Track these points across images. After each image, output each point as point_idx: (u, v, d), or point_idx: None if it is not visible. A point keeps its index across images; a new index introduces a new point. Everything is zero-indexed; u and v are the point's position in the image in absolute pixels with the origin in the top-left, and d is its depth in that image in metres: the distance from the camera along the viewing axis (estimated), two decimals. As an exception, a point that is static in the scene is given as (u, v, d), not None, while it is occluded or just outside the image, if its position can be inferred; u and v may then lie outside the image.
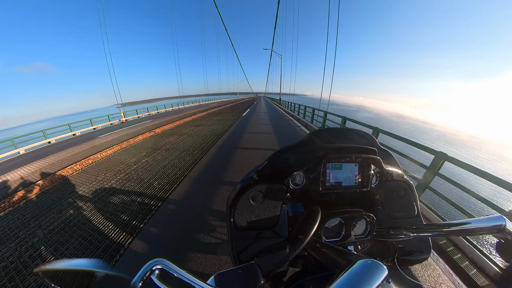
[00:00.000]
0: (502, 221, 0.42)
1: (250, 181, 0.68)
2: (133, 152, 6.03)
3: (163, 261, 0.31)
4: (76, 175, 4.56)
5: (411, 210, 0.77)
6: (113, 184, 3.88)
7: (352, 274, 0.29)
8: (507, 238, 0.42)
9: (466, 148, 57.96)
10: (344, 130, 0.90)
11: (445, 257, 1.91)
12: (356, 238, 0.65)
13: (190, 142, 6.87)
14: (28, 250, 2.32)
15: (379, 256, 0.70)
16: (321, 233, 0.61)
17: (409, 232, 0.58)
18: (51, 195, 3.69)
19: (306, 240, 0.44)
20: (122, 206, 3.05)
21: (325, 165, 0.71)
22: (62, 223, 2.75)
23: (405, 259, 0.68)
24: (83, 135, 11.17)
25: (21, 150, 8.70)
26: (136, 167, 4.69)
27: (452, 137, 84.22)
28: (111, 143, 7.59)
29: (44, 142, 9.76)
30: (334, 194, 0.75)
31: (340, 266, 0.41)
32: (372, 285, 0.27)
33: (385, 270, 0.29)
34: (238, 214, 0.66)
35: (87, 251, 2.19)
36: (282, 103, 24.67)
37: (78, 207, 3.15)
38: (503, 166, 40.45)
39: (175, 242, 2.19)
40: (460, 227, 0.48)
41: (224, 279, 0.41)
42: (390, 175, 0.76)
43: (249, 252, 0.63)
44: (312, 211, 0.54)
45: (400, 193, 0.76)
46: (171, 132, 8.81)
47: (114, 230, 2.50)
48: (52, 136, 10.24)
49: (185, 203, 3.02)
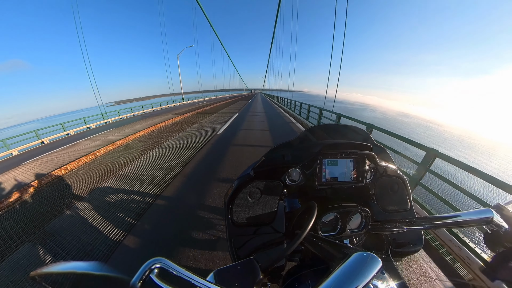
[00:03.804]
0: (490, 213, 0.44)
1: (247, 178, 0.69)
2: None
3: (162, 259, 0.30)
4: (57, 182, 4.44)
5: (404, 204, 0.79)
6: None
7: (348, 266, 0.30)
8: (494, 229, 0.44)
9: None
10: (339, 127, 0.91)
11: (433, 250, 1.98)
12: (351, 232, 0.67)
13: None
14: (22, 252, 2.27)
15: (373, 249, 0.72)
16: (317, 227, 0.62)
17: (403, 225, 0.60)
18: (45, 195, 3.62)
19: (303, 235, 0.44)
20: (118, 204, 3.02)
21: (321, 161, 0.72)
22: (60, 223, 2.71)
23: (399, 251, 0.70)
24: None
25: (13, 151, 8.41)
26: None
27: (470, 141, 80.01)
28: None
29: (33, 144, 9.19)
30: (330, 189, 0.76)
31: (336, 259, 0.42)
32: (367, 277, 0.28)
33: (379, 262, 0.30)
34: (235, 210, 0.66)
35: (86, 251, 2.17)
36: (280, 100, 21.40)
37: (73, 207, 3.10)
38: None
39: (173, 240, 2.19)
40: (451, 219, 0.50)
41: (223, 275, 0.42)
42: (384, 170, 0.78)
43: (248, 248, 0.63)
44: (309, 206, 0.55)
45: (394, 187, 0.78)
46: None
47: (111, 229, 2.47)
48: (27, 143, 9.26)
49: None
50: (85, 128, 12.66)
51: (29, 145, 8.99)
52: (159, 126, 9.77)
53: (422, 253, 1.92)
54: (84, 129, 12.57)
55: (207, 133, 7.52)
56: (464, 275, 1.72)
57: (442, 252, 1.95)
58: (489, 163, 37.83)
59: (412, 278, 1.67)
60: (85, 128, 12.67)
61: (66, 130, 11.19)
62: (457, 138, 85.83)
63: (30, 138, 9.17)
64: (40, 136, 9.70)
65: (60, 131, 11.00)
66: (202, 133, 7.56)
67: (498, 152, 56.41)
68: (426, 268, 1.77)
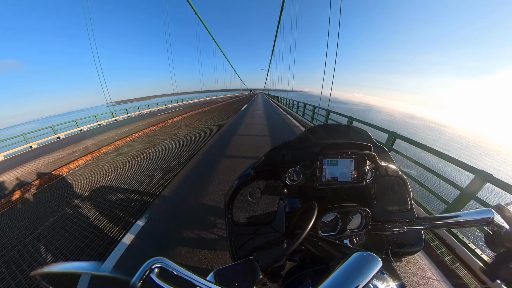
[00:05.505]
0: (491, 214, 0.43)
1: (247, 178, 0.69)
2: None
3: (162, 259, 0.30)
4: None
5: (404, 204, 0.78)
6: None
7: (348, 266, 0.30)
8: (494, 230, 0.44)
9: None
10: (340, 127, 0.91)
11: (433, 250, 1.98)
12: (351, 232, 0.67)
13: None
14: (23, 252, 2.28)
15: (374, 249, 0.72)
16: (317, 227, 0.62)
17: (403, 225, 0.59)
18: (46, 195, 3.63)
19: (303, 234, 0.44)
20: (117, 204, 3.02)
21: (322, 161, 0.72)
22: (59, 224, 2.71)
23: (399, 251, 0.70)
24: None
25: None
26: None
27: (486, 146, 74.56)
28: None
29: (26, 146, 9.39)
30: (330, 189, 0.76)
31: (336, 259, 0.42)
32: (367, 277, 0.28)
33: (379, 262, 0.30)
34: (236, 210, 0.66)
35: (85, 252, 2.17)
36: (282, 101, 20.45)
37: (73, 207, 3.10)
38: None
39: (173, 240, 2.19)
40: (451, 220, 0.50)
41: (223, 275, 0.42)
42: (384, 170, 0.78)
43: (248, 247, 0.63)
44: (309, 206, 0.55)
45: (394, 188, 0.78)
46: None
47: (111, 228, 2.47)
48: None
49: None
50: (96, 125, 13.81)
51: (48, 139, 10.12)
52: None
53: (422, 254, 1.91)
54: (96, 126, 13.67)
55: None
56: (464, 275, 1.72)
57: (442, 253, 1.95)
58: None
59: (412, 278, 1.66)
60: (96, 125, 13.83)
61: (79, 126, 12.54)
62: (472, 143, 79.78)
63: (47, 133, 10.34)
64: (56, 131, 10.95)
65: (74, 127, 12.33)
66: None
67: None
68: (426, 269, 1.76)
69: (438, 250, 1.97)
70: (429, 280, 1.66)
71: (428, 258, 1.89)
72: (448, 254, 1.93)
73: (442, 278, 1.70)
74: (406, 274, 1.69)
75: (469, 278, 1.69)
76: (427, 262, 1.84)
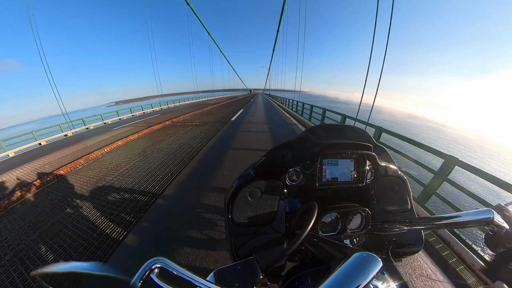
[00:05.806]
0: (491, 214, 0.43)
1: (247, 178, 0.69)
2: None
3: (162, 259, 0.30)
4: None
5: (404, 204, 0.78)
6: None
7: (348, 266, 0.30)
8: (494, 230, 0.44)
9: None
10: (340, 127, 0.91)
11: (433, 250, 1.98)
12: (352, 232, 0.67)
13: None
14: (23, 252, 2.28)
15: (374, 249, 0.72)
16: (317, 227, 0.62)
17: (403, 226, 0.59)
18: (46, 196, 3.63)
19: (303, 235, 0.44)
20: (117, 204, 3.03)
21: (321, 161, 0.72)
22: (58, 224, 2.71)
23: (399, 251, 0.70)
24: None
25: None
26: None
27: (489, 147, 72.27)
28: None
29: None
30: (330, 189, 0.76)
31: (336, 259, 0.42)
32: (367, 277, 0.28)
33: (379, 262, 0.30)
34: (236, 210, 0.66)
35: (84, 252, 2.17)
36: (284, 102, 17.49)
37: (73, 207, 3.10)
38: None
39: (173, 240, 2.19)
40: (451, 220, 0.50)
41: (223, 275, 0.42)
42: (384, 170, 0.78)
43: (248, 248, 0.63)
44: (309, 206, 0.55)
45: (395, 188, 0.78)
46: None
47: (111, 228, 2.47)
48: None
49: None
50: (101, 124, 14.09)
51: (55, 136, 10.61)
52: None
53: (423, 254, 1.91)
54: (101, 124, 13.94)
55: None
56: (464, 275, 1.71)
57: (443, 253, 1.95)
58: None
59: (412, 278, 1.66)
60: (101, 123, 14.11)
61: (86, 125, 13.05)
62: (475, 144, 77.15)
63: (56, 131, 10.84)
64: (64, 129, 11.33)
65: (81, 125, 12.84)
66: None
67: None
68: (427, 269, 1.76)
69: (438, 250, 1.97)
70: (429, 280, 1.66)
71: (428, 257, 1.88)
72: (448, 254, 1.93)
73: (442, 278, 1.69)
74: (406, 274, 1.69)
75: (470, 278, 1.69)
76: (428, 262, 1.84)
